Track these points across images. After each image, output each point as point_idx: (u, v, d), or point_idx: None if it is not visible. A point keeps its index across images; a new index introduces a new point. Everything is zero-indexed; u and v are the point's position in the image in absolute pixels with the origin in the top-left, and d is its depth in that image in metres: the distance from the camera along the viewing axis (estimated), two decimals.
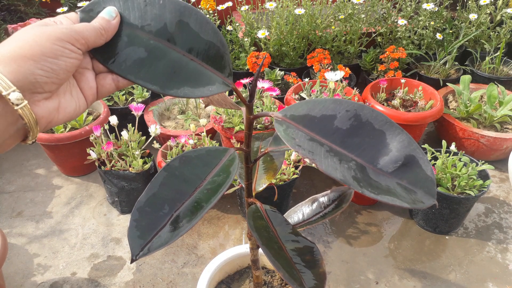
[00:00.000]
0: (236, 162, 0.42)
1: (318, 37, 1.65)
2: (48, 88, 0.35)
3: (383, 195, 0.33)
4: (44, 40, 0.34)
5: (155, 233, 0.37)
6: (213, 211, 1.21)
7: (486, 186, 1.06)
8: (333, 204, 0.63)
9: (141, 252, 0.36)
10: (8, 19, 1.74)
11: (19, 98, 0.33)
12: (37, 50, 0.34)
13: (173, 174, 0.40)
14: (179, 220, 0.38)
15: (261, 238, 0.46)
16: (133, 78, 0.37)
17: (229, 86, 0.39)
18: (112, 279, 1.02)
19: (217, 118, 1.19)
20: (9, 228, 1.15)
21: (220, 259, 0.82)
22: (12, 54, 0.33)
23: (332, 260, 1.07)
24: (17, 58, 0.33)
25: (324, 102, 0.38)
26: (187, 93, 0.37)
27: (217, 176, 0.40)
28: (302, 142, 0.35)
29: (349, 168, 0.34)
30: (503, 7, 1.73)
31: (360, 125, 0.36)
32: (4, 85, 0.32)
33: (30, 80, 0.33)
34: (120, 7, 0.38)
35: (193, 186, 0.40)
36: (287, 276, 0.43)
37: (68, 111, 0.37)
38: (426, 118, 1.29)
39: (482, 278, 1.03)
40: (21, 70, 0.33)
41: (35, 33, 0.35)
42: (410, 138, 0.36)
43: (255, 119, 0.43)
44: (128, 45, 0.37)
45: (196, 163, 0.41)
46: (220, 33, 0.40)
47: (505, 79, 1.59)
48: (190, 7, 0.39)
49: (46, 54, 0.34)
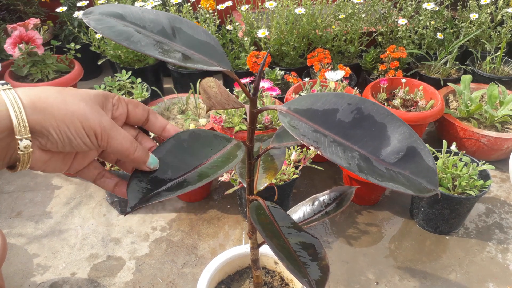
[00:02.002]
0: (242, 147, 0.43)
1: (319, 37, 1.65)
2: (49, 147, 0.36)
3: (387, 182, 0.34)
4: (76, 118, 0.35)
5: (155, 190, 0.39)
6: (213, 211, 1.21)
7: (486, 186, 1.06)
8: (333, 203, 0.63)
9: (138, 203, 0.38)
10: (7, 19, 1.74)
11: (27, 146, 0.34)
12: (68, 120, 0.35)
13: (181, 145, 0.42)
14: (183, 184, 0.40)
15: (264, 230, 0.46)
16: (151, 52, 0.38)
17: (230, 66, 0.41)
18: (112, 279, 1.01)
19: (217, 118, 1.19)
20: (8, 228, 1.15)
21: (220, 259, 0.82)
22: (46, 106, 0.35)
23: (333, 260, 1.07)
24: (47, 113, 0.34)
25: (326, 96, 0.39)
26: (202, 66, 0.39)
27: (222, 157, 0.42)
28: (307, 133, 0.37)
29: (353, 158, 0.35)
30: (504, 7, 1.73)
31: (362, 118, 0.37)
32: (23, 130, 0.33)
33: (44, 133, 0.35)
34: (121, 10, 0.40)
35: (199, 161, 0.42)
36: (291, 267, 0.43)
37: (51, 168, 0.39)
38: (427, 118, 1.29)
39: (482, 278, 1.03)
40: (43, 123, 0.34)
41: (80, 107, 0.36)
42: (411, 130, 0.37)
43: (259, 113, 0.44)
44: (138, 33, 0.39)
45: (203, 142, 0.43)
46: (212, 34, 0.42)
47: (506, 79, 1.59)
48: (179, 17, 0.43)
49: (70, 129, 0.35)
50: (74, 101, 0.36)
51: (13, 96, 0.34)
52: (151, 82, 1.61)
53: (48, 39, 1.75)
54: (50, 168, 0.38)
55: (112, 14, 0.39)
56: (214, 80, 0.44)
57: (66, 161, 0.40)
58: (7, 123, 0.33)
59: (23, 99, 0.34)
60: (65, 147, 0.36)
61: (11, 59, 1.57)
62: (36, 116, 0.34)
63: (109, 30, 0.37)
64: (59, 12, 1.73)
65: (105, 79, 1.50)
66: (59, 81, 1.49)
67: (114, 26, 0.38)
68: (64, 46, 1.66)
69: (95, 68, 1.90)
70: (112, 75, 1.83)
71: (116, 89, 1.48)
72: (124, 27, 0.38)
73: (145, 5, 1.59)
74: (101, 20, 0.38)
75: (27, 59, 1.49)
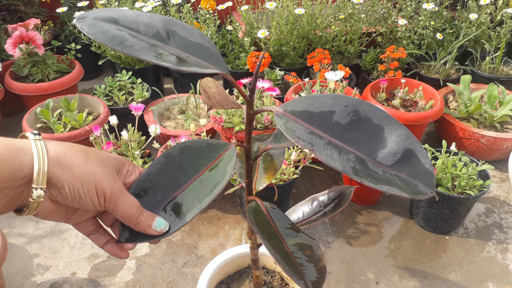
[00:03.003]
0: (234, 158, 0.43)
1: (318, 37, 1.65)
2: (58, 199, 0.38)
3: (382, 185, 0.34)
4: (92, 179, 0.37)
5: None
6: (213, 211, 1.21)
7: (486, 186, 1.06)
8: (333, 203, 0.63)
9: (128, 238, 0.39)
10: (8, 19, 1.74)
11: (40, 195, 0.36)
12: (84, 179, 0.37)
13: (172, 162, 0.42)
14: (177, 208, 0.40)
15: (261, 232, 0.46)
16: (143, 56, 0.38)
17: (226, 68, 0.41)
18: (112, 279, 1.01)
19: (217, 118, 1.19)
20: (9, 228, 1.15)
21: (220, 259, 0.82)
22: (69, 162, 0.36)
23: (332, 260, 1.07)
24: (67, 169, 0.36)
25: (323, 97, 0.39)
26: (196, 69, 0.39)
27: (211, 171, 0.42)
28: (302, 135, 0.36)
29: (348, 160, 0.35)
30: (504, 7, 1.73)
31: (359, 120, 0.37)
32: (41, 181, 0.35)
33: (58, 186, 0.36)
34: (115, 14, 0.40)
35: (189, 178, 0.42)
36: (287, 269, 0.43)
37: (53, 217, 0.40)
38: (426, 118, 1.29)
39: (482, 278, 1.03)
40: (60, 177, 0.36)
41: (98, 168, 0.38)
42: (408, 132, 0.37)
43: (255, 115, 0.44)
44: (132, 37, 0.39)
45: (195, 154, 0.43)
46: (207, 36, 0.42)
47: (505, 79, 1.59)
48: (174, 19, 0.43)
49: (83, 187, 0.37)
50: (94, 162, 0.37)
51: (41, 147, 0.35)
52: (151, 82, 1.61)
53: (48, 40, 1.76)
54: (51, 218, 0.40)
55: (106, 19, 0.39)
56: (212, 80, 0.45)
57: (68, 214, 0.41)
58: (28, 172, 0.35)
59: (50, 151, 0.36)
60: (74, 203, 0.38)
61: (12, 59, 1.57)
62: (56, 169, 0.35)
63: (103, 35, 0.37)
64: (59, 12, 1.74)
65: (106, 79, 1.50)
66: (60, 81, 1.49)
67: (108, 30, 0.38)
68: (64, 46, 1.67)
69: (95, 68, 1.91)
70: (112, 75, 1.83)
71: (117, 89, 1.48)
72: (117, 31, 0.38)
73: (145, 6, 1.59)
74: (95, 25, 0.38)
75: (28, 59, 1.49)
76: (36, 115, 1.31)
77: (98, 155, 0.39)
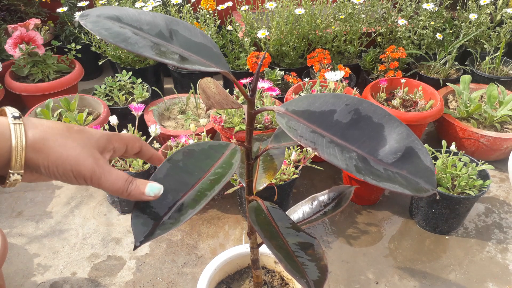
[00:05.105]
0: (238, 154, 0.43)
1: (318, 37, 1.65)
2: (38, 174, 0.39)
3: (384, 182, 0.34)
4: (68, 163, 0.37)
5: (159, 221, 0.39)
6: (213, 211, 1.21)
7: (486, 186, 1.06)
8: (333, 202, 0.63)
9: (144, 238, 0.38)
10: (8, 19, 1.75)
11: (17, 179, 0.37)
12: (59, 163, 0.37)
13: (177, 166, 0.42)
14: (182, 208, 0.39)
15: (263, 231, 0.46)
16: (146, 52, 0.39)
17: (227, 67, 0.41)
18: (112, 279, 1.02)
19: (217, 118, 1.20)
20: (9, 228, 1.15)
21: (220, 259, 0.82)
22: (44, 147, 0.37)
23: (332, 260, 1.07)
24: (43, 153, 0.37)
25: (324, 96, 0.39)
26: (200, 68, 0.39)
27: (220, 168, 0.42)
28: (304, 133, 0.37)
29: (351, 158, 0.35)
30: (503, 7, 1.73)
31: (360, 118, 0.38)
32: (18, 167, 0.36)
33: (34, 168, 0.37)
34: (117, 12, 0.40)
35: (196, 178, 0.41)
36: (289, 268, 0.43)
37: (40, 181, 0.41)
38: (426, 118, 1.29)
39: (482, 278, 1.03)
40: (35, 161, 0.37)
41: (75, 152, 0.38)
42: (408, 130, 0.37)
43: (256, 114, 0.44)
44: (135, 35, 0.39)
45: (198, 156, 0.43)
46: (209, 36, 0.41)
47: (505, 79, 1.59)
48: (176, 19, 0.43)
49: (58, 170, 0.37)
50: (72, 145, 0.38)
51: (20, 133, 0.36)
52: (151, 83, 1.61)
53: (48, 40, 1.76)
54: (38, 181, 0.41)
55: (109, 16, 0.39)
56: (212, 80, 0.45)
57: None
58: (6, 157, 0.36)
59: (28, 137, 0.36)
60: (51, 179, 0.39)
61: (12, 59, 1.58)
62: (33, 154, 0.36)
63: (106, 31, 0.37)
64: (59, 12, 1.74)
65: (106, 79, 1.50)
66: (60, 81, 1.49)
67: (111, 28, 0.38)
68: (64, 47, 1.67)
69: (95, 68, 1.91)
70: (112, 75, 1.83)
71: (117, 89, 1.48)
72: (120, 29, 0.38)
73: (146, 6, 1.59)
74: (98, 22, 0.38)
75: (28, 60, 1.49)
76: (36, 115, 1.31)
77: (79, 137, 0.39)
